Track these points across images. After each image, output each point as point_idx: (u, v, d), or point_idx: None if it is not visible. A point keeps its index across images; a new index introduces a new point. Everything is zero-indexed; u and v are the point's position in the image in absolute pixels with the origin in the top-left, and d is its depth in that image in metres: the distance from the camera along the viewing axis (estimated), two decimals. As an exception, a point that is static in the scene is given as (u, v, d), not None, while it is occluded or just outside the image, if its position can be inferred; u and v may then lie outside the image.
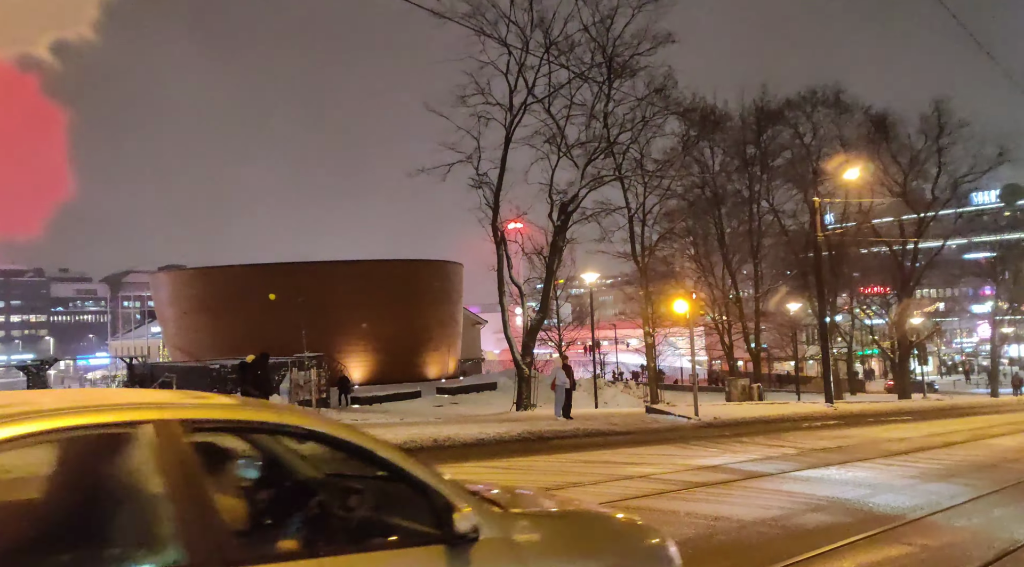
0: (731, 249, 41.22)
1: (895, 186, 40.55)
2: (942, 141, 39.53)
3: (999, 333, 55.24)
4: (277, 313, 33.65)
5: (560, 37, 24.99)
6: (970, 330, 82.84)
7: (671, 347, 45.36)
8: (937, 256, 44.80)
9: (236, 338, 33.90)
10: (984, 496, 8.64)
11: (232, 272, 39.01)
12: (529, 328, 26.88)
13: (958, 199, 42.97)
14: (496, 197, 25.20)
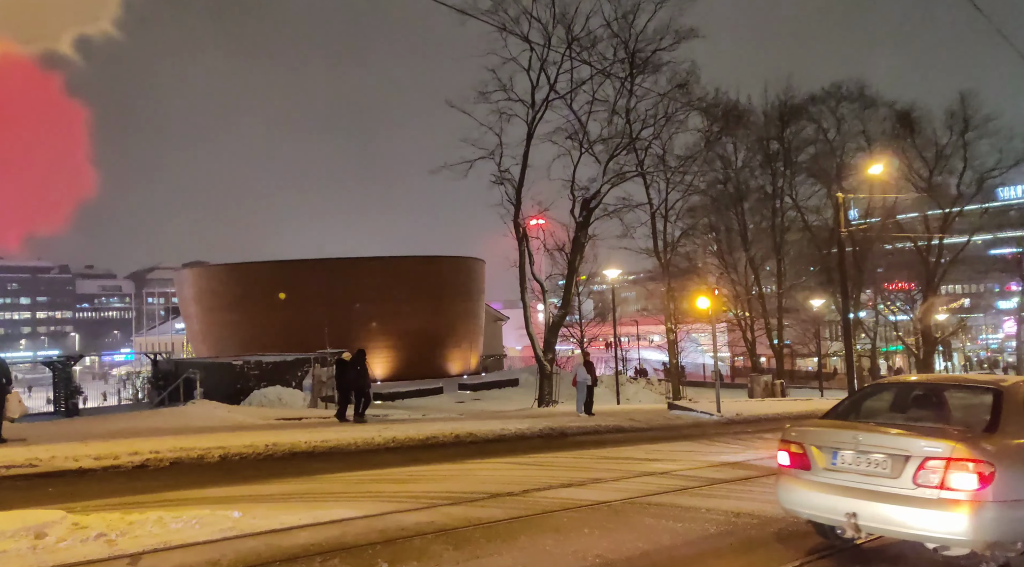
0: (754, 245, 40.97)
1: (920, 181, 40.07)
2: (968, 136, 39.06)
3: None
4: (300, 309, 34.18)
5: (582, 33, 25.03)
6: (996, 326, 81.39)
7: (693, 343, 45.18)
8: (962, 252, 44.13)
9: (259, 334, 34.51)
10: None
11: (255, 268, 39.53)
12: (551, 324, 26.94)
13: (984, 194, 42.38)
14: (518, 193, 25.29)
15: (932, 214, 42.07)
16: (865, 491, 5.28)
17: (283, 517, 6.72)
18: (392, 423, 16.60)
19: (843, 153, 40.15)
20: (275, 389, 23.30)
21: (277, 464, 10.75)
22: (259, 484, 8.90)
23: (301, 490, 8.53)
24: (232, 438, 12.06)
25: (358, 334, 34.20)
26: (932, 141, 40.18)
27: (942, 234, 40.52)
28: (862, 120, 40.22)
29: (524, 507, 7.51)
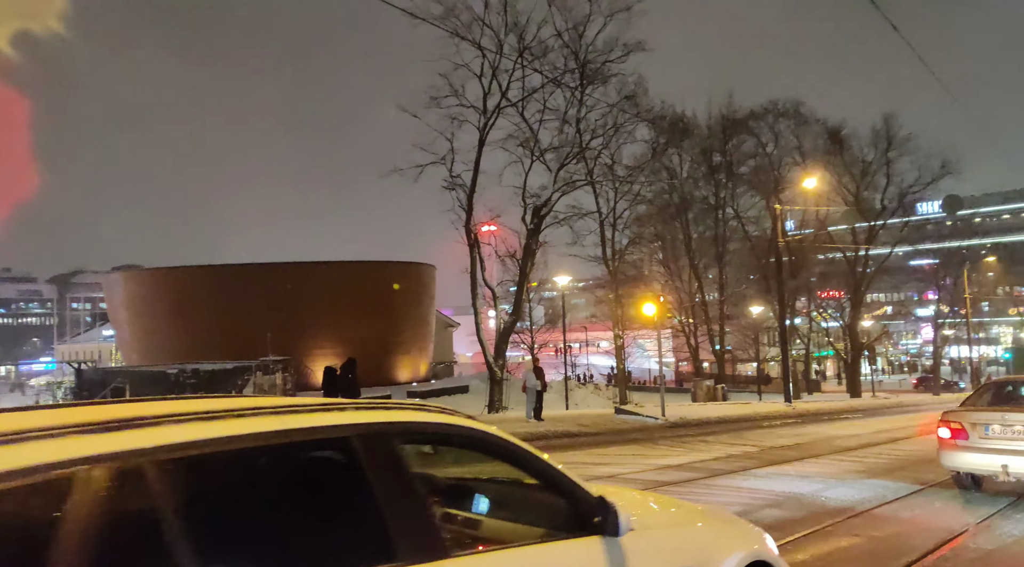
0: (697, 254, 42.17)
1: (848, 196, 42.33)
2: (890, 154, 41.71)
3: (941, 335, 57.74)
4: (242, 316, 33.30)
5: (534, 42, 25.42)
6: (915, 332, 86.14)
7: (640, 349, 46.10)
8: (886, 262, 46.93)
9: (196, 342, 33.36)
10: (926, 489, 9.20)
11: (193, 273, 38.26)
12: (502, 331, 27.16)
13: (905, 209, 45.06)
14: (469, 199, 25.46)
15: (859, 227, 44.42)
16: (1012, 450, 7.94)
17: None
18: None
19: (780, 167, 41.96)
20: (215, 398, 22.73)
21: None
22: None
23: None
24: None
25: (303, 342, 33.68)
26: (859, 158, 42.64)
27: (868, 246, 42.83)
28: (797, 136, 42.21)
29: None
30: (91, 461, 1.66)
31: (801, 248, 41.45)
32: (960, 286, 54.32)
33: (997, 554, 6.25)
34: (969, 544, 6.55)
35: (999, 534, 6.92)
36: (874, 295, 63.30)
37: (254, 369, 23.59)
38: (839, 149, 42.08)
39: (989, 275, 70.81)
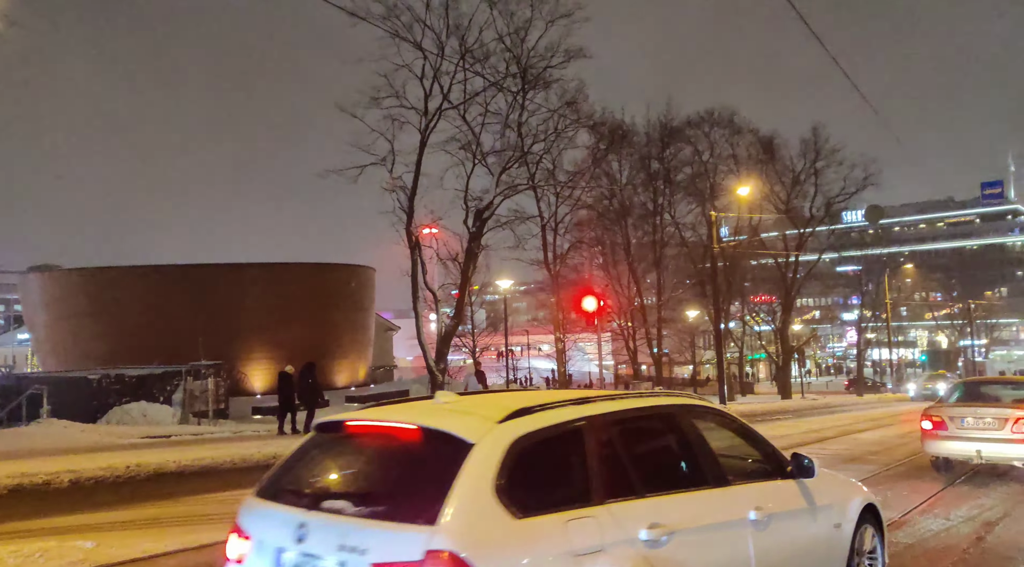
0: (636, 259, 42.70)
1: (780, 203, 43.66)
2: (818, 164, 43.22)
3: (864, 338, 60.49)
4: (172, 319, 31.78)
5: (475, 45, 25.14)
6: (841, 335, 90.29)
7: (580, 352, 46.42)
8: (814, 269, 48.75)
9: (121, 346, 31.63)
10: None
11: (118, 273, 36.16)
12: (443, 334, 26.69)
13: (831, 217, 46.81)
14: (411, 201, 24.93)
15: (790, 234, 45.89)
16: (984, 438, 9.61)
17: (146, 544, 6.10)
18: (268, 439, 15.72)
19: (715, 174, 42.93)
20: (139, 405, 21.45)
21: (141, 487, 9.83)
22: (118, 510, 8.09)
23: (169, 514, 7.84)
24: (86, 460, 10.90)
25: (237, 345, 32.34)
26: (789, 167, 44.05)
27: (798, 252, 44.28)
28: (732, 145, 43.27)
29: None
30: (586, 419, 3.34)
31: (735, 254, 42.48)
32: (881, 292, 57.02)
33: (916, 547, 6.42)
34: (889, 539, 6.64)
35: (918, 529, 7.11)
36: (804, 300, 65.91)
37: (184, 374, 22.36)
38: (771, 158, 43.36)
39: (907, 281, 74.69)
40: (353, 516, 2.82)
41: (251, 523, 3.19)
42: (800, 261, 45.52)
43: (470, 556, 2.55)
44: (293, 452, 3.52)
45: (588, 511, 3.01)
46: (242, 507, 3.30)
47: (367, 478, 3.25)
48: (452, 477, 2.74)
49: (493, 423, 3.04)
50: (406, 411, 3.40)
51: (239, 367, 31.65)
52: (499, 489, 2.77)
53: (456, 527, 2.61)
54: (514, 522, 2.77)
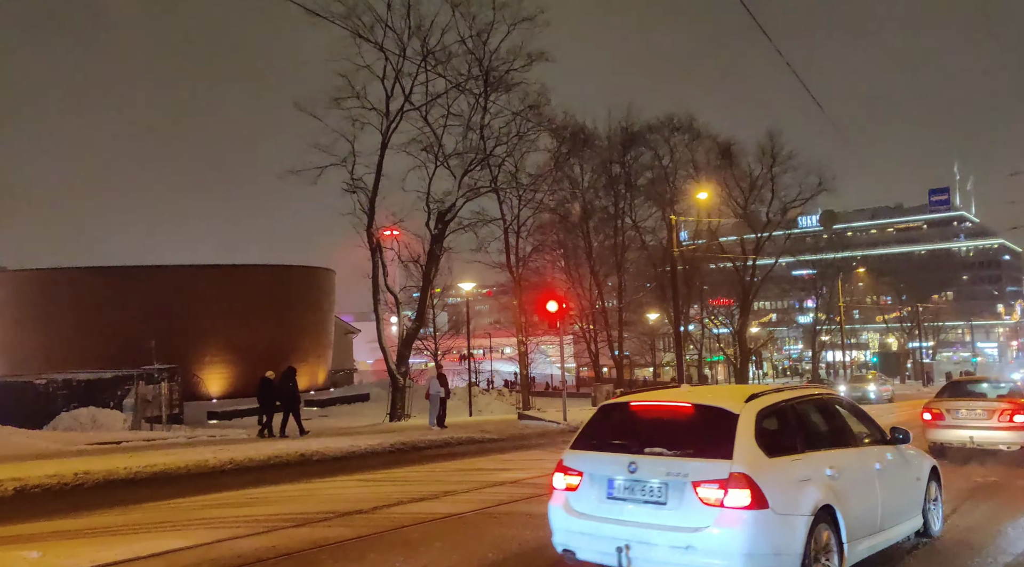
0: (598, 262, 43.08)
1: (738, 208, 44.67)
2: (775, 170, 44.29)
3: (819, 340, 62.13)
4: (124, 322, 30.91)
5: (438, 47, 25.05)
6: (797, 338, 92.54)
7: (542, 355, 46.61)
8: (771, 272, 49.85)
9: (70, 350, 30.60)
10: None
11: (66, 275, 34.99)
12: (404, 337, 26.51)
13: (787, 222, 48.08)
14: (372, 203, 24.74)
15: (747, 238, 46.89)
16: (975, 426, 11.70)
17: (95, 554, 5.96)
18: (229, 444, 15.43)
19: (675, 179, 43.67)
20: (88, 410, 20.84)
21: (90, 494, 9.58)
22: (67, 518, 7.85)
23: (120, 522, 7.64)
24: (32, 467, 10.56)
25: (192, 349, 31.63)
26: (747, 173, 45.08)
27: (755, 256, 45.29)
28: (691, 150, 44.06)
29: (374, 524, 7.28)
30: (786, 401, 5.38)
31: (695, 258, 43.22)
32: (835, 295, 58.55)
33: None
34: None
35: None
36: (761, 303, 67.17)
37: (136, 378, 21.79)
38: (729, 164, 44.26)
39: (860, 285, 76.83)
40: (672, 455, 4.79)
41: (580, 463, 5.25)
42: (757, 265, 46.51)
43: (752, 476, 4.52)
44: (590, 422, 5.64)
45: (799, 456, 5.06)
46: (566, 456, 5.41)
47: (669, 434, 5.04)
48: (732, 433, 4.72)
49: (742, 402, 5.02)
50: (670, 395, 5.83)
51: (194, 371, 30.94)
52: (757, 440, 4.77)
53: (742, 460, 4.60)
54: (767, 459, 4.75)
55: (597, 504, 4.99)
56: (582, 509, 5.06)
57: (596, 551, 4.94)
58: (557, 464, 5.41)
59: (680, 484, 4.62)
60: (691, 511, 4.57)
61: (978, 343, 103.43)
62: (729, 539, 4.47)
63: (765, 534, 4.52)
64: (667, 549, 4.60)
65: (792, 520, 4.66)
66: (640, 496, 4.80)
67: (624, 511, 4.83)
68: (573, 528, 5.11)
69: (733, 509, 4.47)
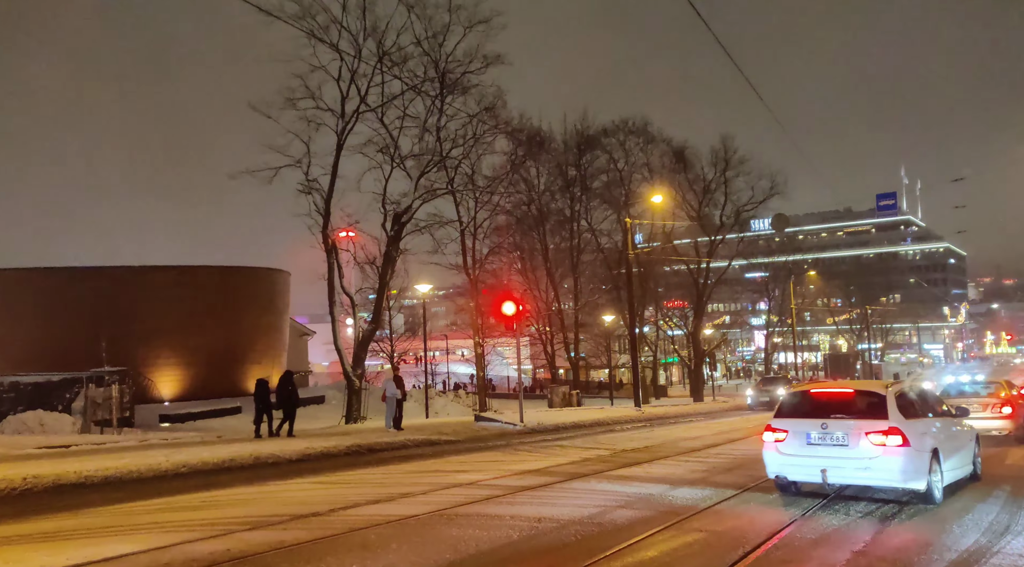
0: (554, 264, 43.52)
1: (692, 211, 45.48)
2: (728, 173, 45.15)
3: (771, 342, 63.67)
4: (72, 323, 30.05)
5: (393, 48, 24.99)
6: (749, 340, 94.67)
7: (499, 357, 46.83)
8: (724, 275, 50.66)
9: (16, 352, 29.67)
10: (760, 484, 9.96)
11: (8, 276, 33.87)
12: (361, 339, 26.39)
13: (740, 225, 48.98)
14: (327, 204, 24.57)
15: (701, 241, 47.83)
16: (977, 417, 14.12)
17: (45, 559, 5.94)
18: (179, 447, 15.20)
19: (630, 182, 44.35)
20: (35, 414, 20.26)
21: (38, 499, 9.41)
22: (15, 523, 7.74)
23: (69, 527, 7.56)
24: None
25: (143, 351, 30.87)
26: (701, 176, 45.90)
27: (709, 259, 46.17)
28: (646, 153, 44.82)
29: (330, 527, 7.35)
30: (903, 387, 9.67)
31: (649, 260, 43.96)
32: (787, 297, 60.11)
33: (822, 542, 6.89)
34: (796, 534, 7.18)
35: (822, 524, 7.65)
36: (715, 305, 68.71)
37: (86, 381, 21.24)
38: (683, 167, 45.11)
39: (811, 288, 78.54)
40: (850, 418, 8.54)
41: (784, 425, 8.89)
42: (711, 268, 47.29)
43: (901, 428, 8.21)
44: (783, 402, 9.42)
45: (920, 419, 8.77)
46: (772, 421, 9.04)
47: (842, 407, 8.73)
48: (884, 405, 8.49)
49: (886, 388, 8.81)
50: (834, 385, 10.46)
51: (145, 373, 30.22)
52: (898, 409, 8.47)
53: (894, 419, 8.32)
54: (905, 420, 8.39)
55: (799, 448, 8.66)
56: (789, 451, 8.76)
57: (803, 473, 8.75)
58: (766, 426, 9.12)
59: (857, 434, 8.31)
60: (865, 449, 8.25)
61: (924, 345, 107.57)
62: (891, 463, 8.15)
63: (910, 460, 8.18)
64: (852, 469, 8.33)
65: (922, 453, 8.33)
66: (830, 442, 8.45)
67: (819, 451, 8.49)
68: (784, 462, 8.84)
69: (892, 447, 8.15)
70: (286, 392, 18.19)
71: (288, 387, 18.28)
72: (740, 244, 51.03)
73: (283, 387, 18.27)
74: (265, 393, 18.30)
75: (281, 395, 18.18)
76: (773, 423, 8.98)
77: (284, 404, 18.15)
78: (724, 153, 44.69)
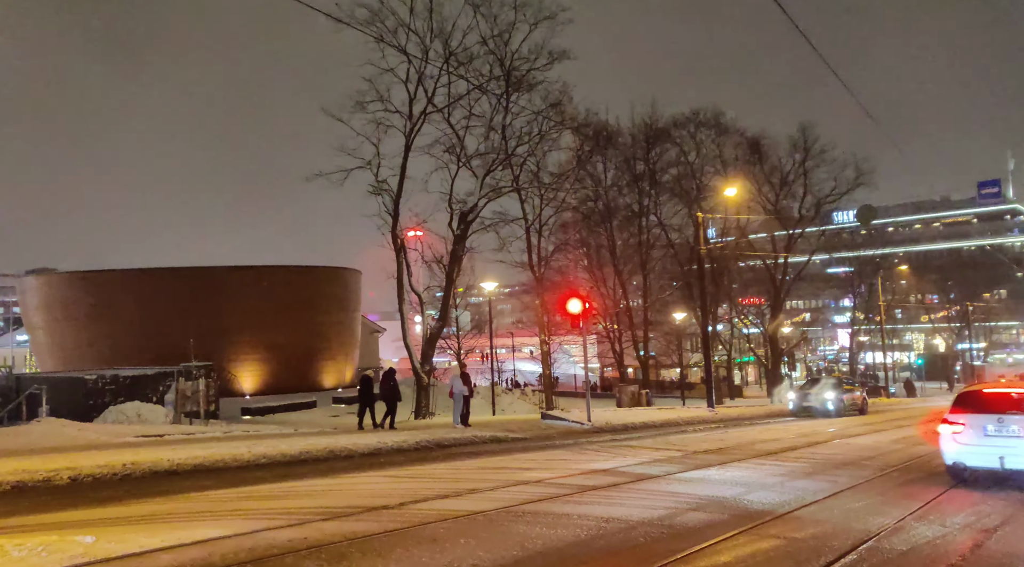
0: (622, 261, 42.91)
1: (768, 204, 43.76)
2: (808, 164, 43.13)
3: (856, 341, 60.54)
4: (163, 321, 31.97)
5: (459, 48, 25.33)
6: (832, 338, 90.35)
7: (566, 355, 46.65)
8: (804, 270, 48.36)
9: (116, 347, 31.86)
10: (843, 491, 9.61)
11: (111, 276, 36.34)
12: (428, 336, 26.87)
13: (822, 218, 46.76)
14: (396, 204, 25.13)
15: (778, 235, 45.97)
16: None
17: (143, 540, 6.32)
18: (260, 439, 15.89)
19: (702, 175, 43.17)
20: (133, 405, 21.64)
21: (136, 484, 10.03)
22: (116, 506, 8.28)
23: (163, 510, 8.03)
24: (84, 458, 11.10)
25: (226, 347, 32.43)
26: (778, 168, 44.10)
27: (787, 253, 44.35)
28: (718, 145, 43.43)
29: (400, 520, 7.49)
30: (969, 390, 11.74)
31: (723, 255, 42.74)
32: (874, 294, 56.82)
33: (910, 555, 6.52)
34: (884, 545, 6.82)
35: (913, 535, 7.25)
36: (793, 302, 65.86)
37: (176, 375, 22.55)
38: (759, 159, 43.50)
39: (902, 283, 73.96)
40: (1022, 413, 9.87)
41: (960, 418, 10.29)
42: (789, 262, 45.55)
43: None
44: (958, 399, 10.85)
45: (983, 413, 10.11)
46: (948, 415, 10.54)
47: (1014, 404, 9.93)
48: None
49: None
50: (1003, 385, 11.97)
51: (228, 368, 31.78)
52: None
53: None
54: None
55: (977, 439, 9.95)
56: (966, 441, 10.06)
57: (981, 460, 9.94)
58: (942, 419, 10.48)
59: None
60: None
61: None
62: None
63: None
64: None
65: None
66: (1005, 434, 9.71)
67: (996, 441, 9.74)
68: (962, 451, 10.12)
69: None
70: (388, 387, 19.21)
71: (390, 383, 19.31)
72: (821, 238, 48.67)
73: (386, 382, 19.37)
74: (369, 388, 19.44)
75: (384, 390, 19.24)
76: (949, 417, 10.35)
77: (387, 398, 19.12)
78: (804, 142, 42.83)
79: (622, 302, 43.32)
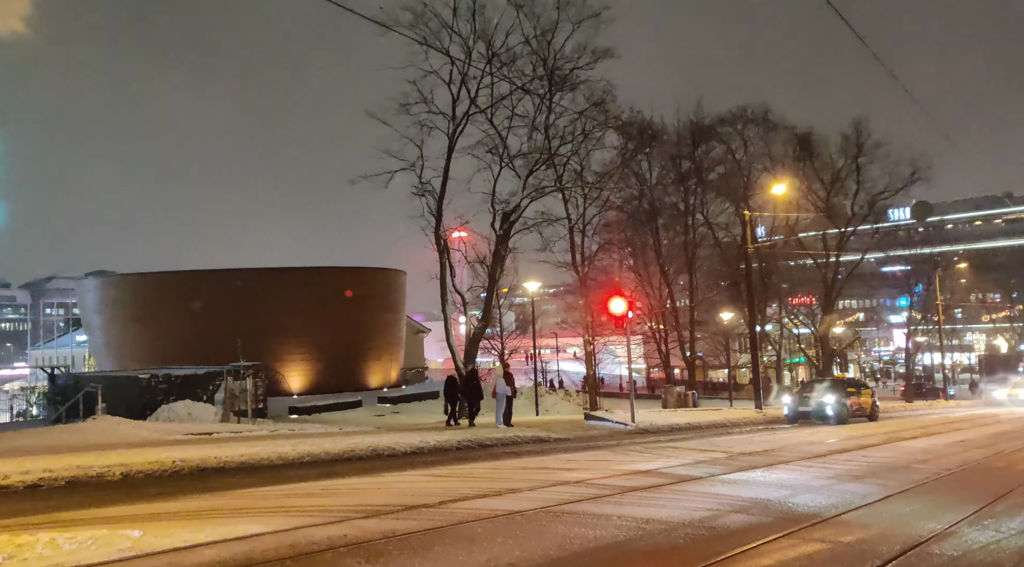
0: (667, 260, 42.37)
1: (819, 202, 42.61)
2: (860, 160, 41.84)
3: (913, 342, 58.37)
4: (213, 321, 32.94)
5: (502, 49, 25.40)
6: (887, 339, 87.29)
7: (610, 355, 46.25)
8: (857, 269, 47.03)
9: (168, 347, 32.98)
10: (894, 496, 9.25)
11: (164, 278, 37.73)
12: (472, 336, 27.00)
13: (875, 215, 45.31)
14: (439, 205, 25.33)
15: (830, 233, 44.71)
16: None
17: (188, 535, 6.48)
18: (306, 438, 16.20)
19: (749, 173, 42.29)
20: (184, 403, 22.36)
21: (184, 480, 10.34)
22: (164, 501, 8.55)
23: (209, 506, 8.25)
24: (136, 455, 11.51)
25: (274, 347, 33.21)
26: (829, 164, 42.84)
27: (839, 252, 43.10)
28: (766, 142, 42.55)
29: (440, 518, 7.52)
30: None
31: (771, 254, 41.83)
32: (932, 293, 54.81)
33: (962, 561, 6.26)
34: (935, 550, 6.56)
35: (965, 541, 6.96)
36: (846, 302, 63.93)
37: (226, 374, 23.23)
38: (808, 155, 42.41)
39: (961, 282, 71.14)
40: None
41: None
42: (841, 261, 44.30)
43: None
44: None
45: None
46: None
47: None
48: None
49: None
50: None
51: (276, 368, 32.54)
52: None
53: None
54: None
55: None
56: None
57: None
58: None
59: None
60: None
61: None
62: None
63: None
64: None
65: None
66: None
67: None
68: None
69: None
70: (471, 386, 20.46)
71: (473, 382, 20.66)
72: (875, 236, 47.31)
73: (468, 382, 20.68)
74: (454, 388, 20.77)
75: (468, 388, 20.48)
76: None
77: (470, 396, 20.30)
78: (856, 138, 41.64)
79: (668, 302, 42.74)
